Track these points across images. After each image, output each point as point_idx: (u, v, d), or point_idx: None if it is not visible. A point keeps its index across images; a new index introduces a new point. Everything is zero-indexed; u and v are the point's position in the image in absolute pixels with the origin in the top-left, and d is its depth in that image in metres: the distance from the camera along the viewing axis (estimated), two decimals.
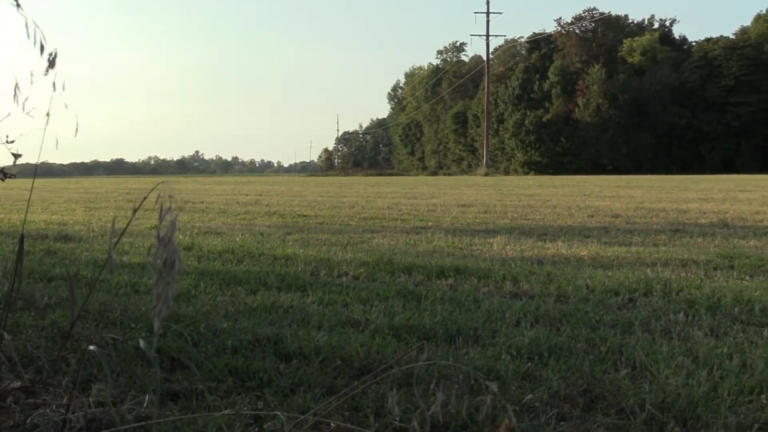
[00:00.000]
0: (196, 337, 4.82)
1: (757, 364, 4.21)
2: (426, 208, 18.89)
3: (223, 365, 4.21)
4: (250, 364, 4.23)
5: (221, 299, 6.21)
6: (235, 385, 3.95)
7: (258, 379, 4.03)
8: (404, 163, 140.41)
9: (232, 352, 4.55)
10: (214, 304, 5.99)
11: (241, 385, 3.96)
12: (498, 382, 3.95)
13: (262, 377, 4.04)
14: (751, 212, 16.64)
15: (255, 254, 9.09)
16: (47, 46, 2.78)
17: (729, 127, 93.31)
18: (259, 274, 7.45)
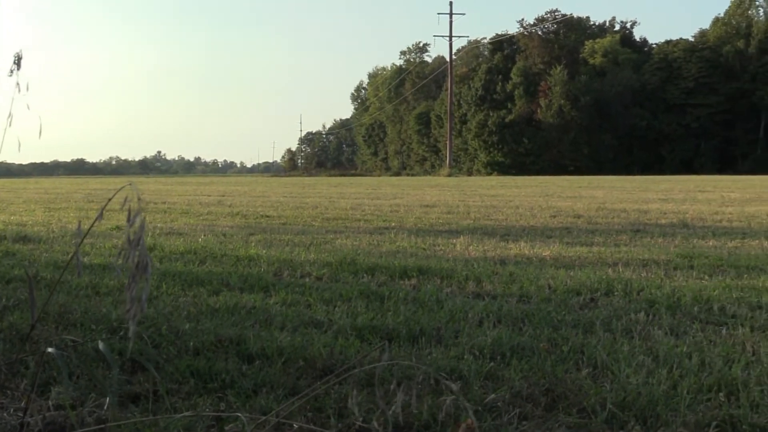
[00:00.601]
0: (158, 339, 4.78)
1: (716, 363, 4.25)
2: (389, 209, 18.89)
3: (184, 366, 4.18)
4: (212, 366, 4.20)
5: (183, 300, 6.17)
6: (197, 386, 3.93)
7: (220, 380, 4.00)
8: (367, 163, 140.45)
9: (194, 353, 4.51)
10: (176, 305, 5.94)
11: (203, 386, 3.93)
12: (460, 382, 3.95)
13: (224, 378, 4.02)
14: (710, 212, 16.83)
15: (217, 255, 9.04)
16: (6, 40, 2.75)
17: (688, 128, 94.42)
18: (222, 274, 7.41)
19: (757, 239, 11.14)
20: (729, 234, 11.95)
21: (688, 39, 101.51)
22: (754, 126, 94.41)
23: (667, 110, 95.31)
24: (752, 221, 14.43)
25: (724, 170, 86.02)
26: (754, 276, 7.49)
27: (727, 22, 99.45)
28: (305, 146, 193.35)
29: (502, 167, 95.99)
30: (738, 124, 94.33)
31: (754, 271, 7.82)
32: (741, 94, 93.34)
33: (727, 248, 10.06)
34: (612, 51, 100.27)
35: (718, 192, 28.97)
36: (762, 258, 8.80)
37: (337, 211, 17.87)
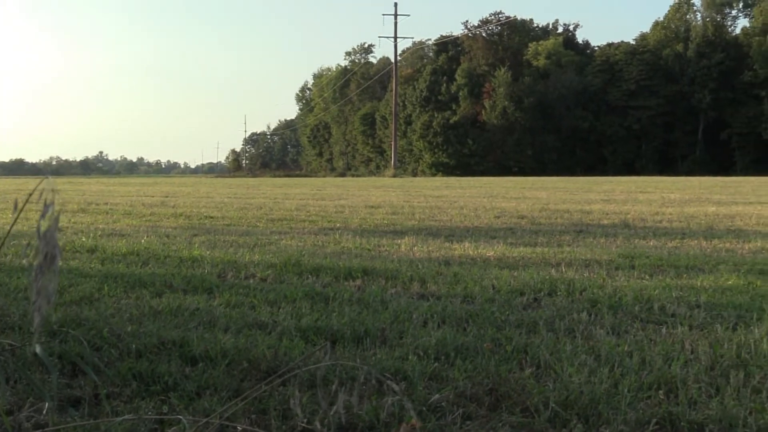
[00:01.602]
0: (99, 342, 4.72)
1: (656, 361, 4.32)
2: (334, 210, 18.86)
3: (126, 370, 4.13)
4: (154, 368, 4.16)
5: (125, 302, 6.10)
6: (139, 389, 3.88)
7: (163, 383, 3.96)
8: (312, 164, 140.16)
9: (137, 356, 4.46)
10: (118, 307, 5.87)
11: (146, 389, 3.89)
12: (405, 383, 3.96)
13: (167, 381, 3.98)
14: (651, 213, 17.08)
15: (161, 256, 8.95)
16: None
17: (630, 130, 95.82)
18: (165, 276, 7.34)
19: (696, 239, 11.33)
20: (669, 234, 12.14)
21: (630, 42, 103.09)
22: (693, 128, 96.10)
23: (609, 112, 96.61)
24: (691, 222, 14.67)
25: (665, 171, 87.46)
26: (693, 275, 7.62)
27: (667, 26, 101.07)
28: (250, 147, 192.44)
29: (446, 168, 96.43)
30: (677, 126, 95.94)
31: (692, 271, 7.95)
32: (680, 96, 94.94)
33: (667, 248, 10.21)
34: (555, 53, 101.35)
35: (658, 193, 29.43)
36: (700, 258, 8.95)
37: (281, 212, 17.80)
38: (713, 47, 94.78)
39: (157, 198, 26.53)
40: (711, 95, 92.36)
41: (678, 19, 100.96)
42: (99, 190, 35.34)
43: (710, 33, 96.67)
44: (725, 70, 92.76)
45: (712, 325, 5.32)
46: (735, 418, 3.45)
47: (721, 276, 7.50)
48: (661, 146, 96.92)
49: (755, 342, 4.75)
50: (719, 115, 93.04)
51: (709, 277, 7.43)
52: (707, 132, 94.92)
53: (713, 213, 17.14)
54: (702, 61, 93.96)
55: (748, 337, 4.87)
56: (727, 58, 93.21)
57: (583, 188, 35.42)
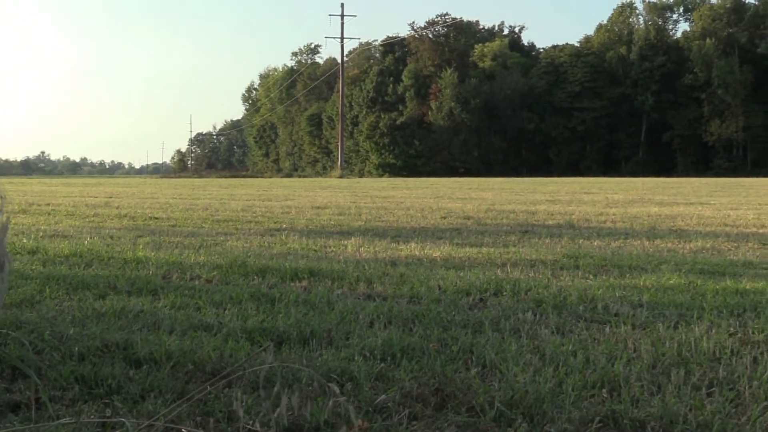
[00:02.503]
0: (40, 345, 4.64)
1: (599, 360, 4.37)
2: (280, 210, 18.79)
3: (68, 373, 4.07)
4: (97, 371, 4.10)
5: (68, 304, 6.01)
6: (81, 393, 3.83)
7: (106, 386, 3.91)
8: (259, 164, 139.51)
9: (79, 358, 4.40)
10: (61, 309, 5.79)
11: (88, 392, 3.84)
12: (351, 384, 3.96)
13: (110, 384, 3.93)
14: (595, 213, 17.28)
15: (104, 258, 8.84)
16: None
17: (574, 131, 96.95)
18: (109, 278, 7.25)
19: (639, 239, 11.49)
20: (613, 234, 12.29)
21: (574, 44, 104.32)
22: (636, 130, 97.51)
23: (554, 113, 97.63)
24: (634, 222, 14.87)
25: (608, 172, 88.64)
26: (636, 275, 7.72)
27: (610, 29, 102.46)
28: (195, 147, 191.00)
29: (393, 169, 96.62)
30: (621, 128, 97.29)
31: (635, 271, 8.06)
32: (624, 98, 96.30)
33: (610, 248, 10.34)
34: (501, 55, 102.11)
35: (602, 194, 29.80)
36: (643, 257, 9.08)
37: (227, 213, 17.69)
38: (655, 50, 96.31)
39: (101, 199, 26.20)
40: (653, 97, 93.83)
41: (621, 23, 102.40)
42: (41, 191, 34.79)
43: (652, 36, 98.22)
44: (667, 72, 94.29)
45: (654, 323, 5.39)
46: (676, 415, 3.51)
47: (663, 275, 7.61)
48: (605, 147, 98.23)
49: (695, 340, 4.83)
50: (661, 117, 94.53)
51: (652, 277, 7.53)
52: (650, 133, 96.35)
53: (656, 213, 17.39)
54: (644, 63, 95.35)
55: (688, 336, 4.95)
56: (668, 61, 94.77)
57: (528, 189, 35.73)
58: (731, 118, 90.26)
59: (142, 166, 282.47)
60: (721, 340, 4.86)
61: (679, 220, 15.30)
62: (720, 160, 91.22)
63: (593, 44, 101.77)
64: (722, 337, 4.97)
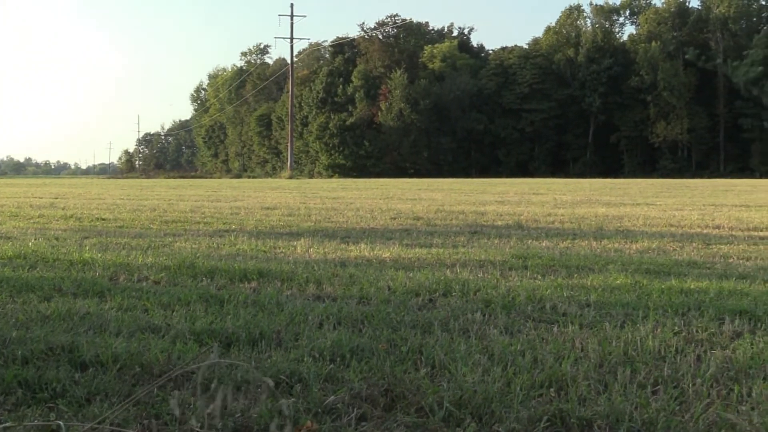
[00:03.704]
0: None
1: (547, 359, 4.41)
2: (229, 211, 18.69)
3: (11, 377, 4.01)
4: (42, 375, 4.05)
5: (11, 307, 5.92)
6: (25, 397, 3.77)
7: (51, 389, 3.86)
8: (207, 165, 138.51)
9: (23, 362, 4.34)
10: (4, 312, 5.70)
11: (32, 396, 3.78)
12: (300, 385, 3.95)
13: (55, 387, 3.88)
14: (543, 214, 17.42)
15: (49, 259, 8.72)
16: None
17: (523, 132, 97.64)
18: (54, 280, 7.15)
19: (586, 240, 11.61)
20: (561, 235, 12.40)
21: (523, 46, 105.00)
22: (583, 131, 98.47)
23: (503, 114, 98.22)
24: (582, 223, 15.03)
25: (557, 173, 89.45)
26: (584, 275, 7.80)
27: (558, 31, 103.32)
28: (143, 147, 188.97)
29: (343, 169, 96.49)
30: (569, 129, 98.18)
31: (583, 271, 8.15)
32: (572, 100, 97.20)
33: (558, 249, 10.43)
34: (450, 56, 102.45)
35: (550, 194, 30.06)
36: (591, 258, 9.18)
37: (176, 214, 17.55)
38: (602, 53, 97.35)
39: (46, 199, 25.82)
40: (600, 99, 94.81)
41: (569, 25, 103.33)
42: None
43: (599, 39, 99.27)
44: (614, 75, 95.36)
45: (601, 323, 5.46)
46: (622, 413, 3.55)
47: (610, 275, 7.70)
48: (554, 148, 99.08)
49: (641, 339, 4.89)
50: (608, 119, 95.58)
51: (599, 277, 7.62)
52: (597, 135, 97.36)
53: (603, 214, 17.59)
54: (592, 66, 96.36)
55: (634, 335, 5.01)
56: (615, 63, 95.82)
57: (477, 190, 35.92)
58: (676, 120, 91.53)
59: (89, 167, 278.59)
60: (666, 339, 4.93)
61: (625, 221, 15.49)
62: (666, 161, 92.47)
63: (542, 46, 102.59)
64: (667, 335, 5.04)
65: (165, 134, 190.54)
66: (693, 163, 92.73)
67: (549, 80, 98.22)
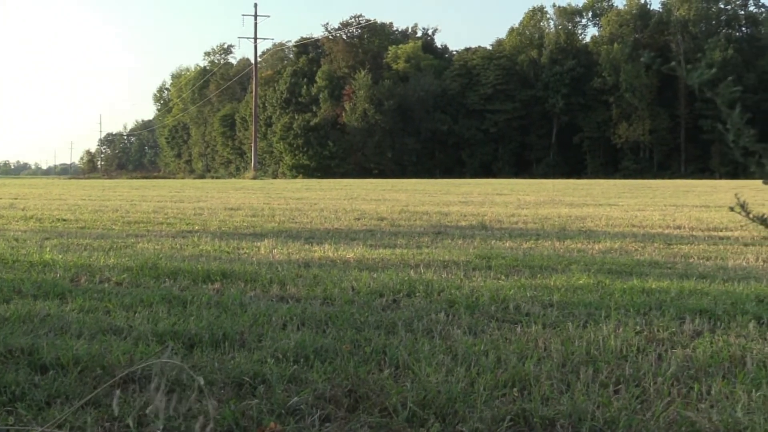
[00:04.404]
0: None
1: (511, 359, 4.42)
2: (193, 212, 18.59)
3: None
4: (0, 378, 3.99)
5: None
6: None
7: (10, 393, 3.81)
8: (171, 165, 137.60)
9: None
10: None
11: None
12: (264, 386, 3.94)
13: (14, 391, 3.83)
14: (507, 215, 17.50)
15: (8, 261, 8.62)
16: None
17: (487, 133, 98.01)
18: (14, 281, 7.07)
19: (550, 240, 11.67)
20: (524, 235, 12.46)
21: (487, 47, 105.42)
22: (547, 132, 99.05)
23: (467, 115, 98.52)
24: (545, 223, 15.11)
25: (520, 174, 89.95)
26: (547, 275, 7.85)
27: (522, 32, 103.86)
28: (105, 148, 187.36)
29: (307, 170, 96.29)
30: (532, 130, 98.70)
31: (546, 271, 8.19)
32: (535, 101, 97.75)
33: (522, 249, 10.48)
34: (414, 57, 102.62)
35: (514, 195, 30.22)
36: (554, 258, 9.23)
37: (138, 215, 17.42)
38: (565, 54, 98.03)
39: (6, 200, 25.53)
40: (563, 100, 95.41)
41: (532, 27, 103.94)
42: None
43: (562, 40, 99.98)
44: (576, 76, 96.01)
45: (564, 323, 5.49)
46: (584, 412, 3.57)
47: (572, 275, 7.75)
48: (517, 149, 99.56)
49: (604, 339, 4.93)
50: (571, 120, 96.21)
51: (562, 277, 7.66)
52: (560, 136, 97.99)
53: (566, 215, 17.70)
54: (555, 67, 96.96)
55: (597, 334, 5.05)
56: (578, 64, 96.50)
57: (441, 190, 36.02)
58: (638, 121, 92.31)
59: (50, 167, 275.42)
60: (627, 338, 4.97)
61: (588, 221, 15.60)
62: (628, 162, 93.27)
63: (505, 47, 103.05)
64: (629, 335, 5.08)
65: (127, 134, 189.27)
66: (654, 164, 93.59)
67: (512, 81, 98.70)
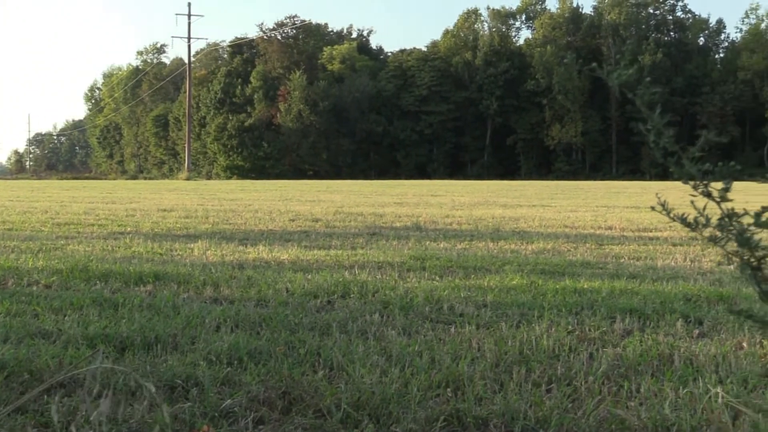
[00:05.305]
0: None
1: (445, 360, 4.45)
2: (125, 213, 18.35)
3: None
4: None
5: None
6: None
7: None
8: (102, 166, 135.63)
9: None
10: None
11: None
12: (197, 389, 3.90)
13: None
14: (441, 216, 17.60)
15: None
16: None
17: (422, 134, 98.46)
18: None
19: (484, 241, 11.76)
20: (458, 236, 12.54)
21: (421, 49, 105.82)
22: (481, 133, 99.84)
23: (402, 117, 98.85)
24: (479, 224, 15.23)
25: (455, 175, 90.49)
26: (480, 276, 7.91)
27: (456, 34, 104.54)
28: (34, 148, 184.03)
29: (241, 171, 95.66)
30: (467, 131, 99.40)
31: (480, 271, 8.25)
32: (469, 102, 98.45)
33: (456, 250, 10.55)
34: (349, 58, 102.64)
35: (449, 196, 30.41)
36: (487, 258, 9.30)
37: (69, 216, 17.14)
38: (499, 56, 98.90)
39: None
40: (497, 102, 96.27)
41: (467, 28, 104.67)
42: None
43: (496, 43, 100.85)
44: (510, 78, 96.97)
45: (497, 323, 5.53)
46: (517, 411, 3.61)
47: (506, 276, 7.82)
48: (452, 150, 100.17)
49: (536, 338, 4.98)
50: (505, 121, 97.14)
51: (496, 277, 7.73)
52: (494, 137, 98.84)
53: (500, 215, 17.86)
54: (489, 69, 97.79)
55: (530, 334, 5.10)
56: (511, 67, 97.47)
57: (376, 191, 36.08)
58: (570, 123, 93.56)
59: None
60: (560, 338, 5.03)
61: (522, 222, 15.76)
62: (561, 164, 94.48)
63: (440, 49, 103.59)
64: (561, 334, 5.14)
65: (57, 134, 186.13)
66: (587, 166, 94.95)
67: (447, 83, 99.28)
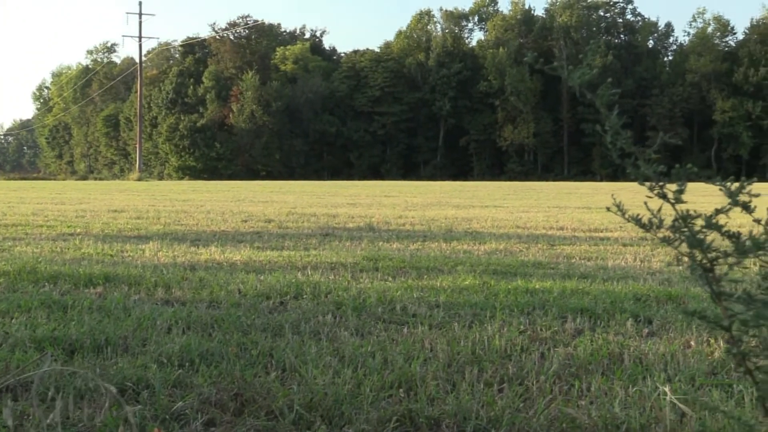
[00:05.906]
0: None
1: (397, 360, 4.45)
2: (74, 214, 18.14)
3: None
4: None
5: None
6: None
7: None
8: (51, 167, 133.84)
9: None
10: None
11: None
12: (147, 391, 3.87)
13: None
14: (394, 216, 17.63)
15: None
16: None
17: (375, 135, 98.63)
18: None
19: (436, 242, 11.80)
20: (411, 237, 12.57)
21: (375, 50, 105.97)
22: (434, 134, 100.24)
23: (356, 117, 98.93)
24: (432, 225, 15.28)
25: (408, 176, 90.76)
26: (433, 276, 7.93)
27: (410, 35, 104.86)
28: None
29: (193, 172, 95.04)
30: (420, 132, 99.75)
31: (433, 272, 8.28)
32: (422, 103, 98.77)
33: (409, 250, 10.57)
34: (302, 58, 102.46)
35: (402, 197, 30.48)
36: (440, 259, 9.34)
37: (16, 217, 16.90)
38: (452, 57, 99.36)
39: None
40: (450, 103, 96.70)
41: (420, 30, 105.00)
42: None
43: (449, 44, 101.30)
44: (463, 79, 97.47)
45: (450, 323, 5.55)
46: (469, 411, 3.62)
47: (458, 276, 7.85)
48: (405, 151, 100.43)
49: (488, 338, 5.01)
50: (458, 122, 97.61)
51: (448, 278, 7.76)
52: (447, 138, 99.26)
53: (452, 216, 17.94)
54: (442, 70, 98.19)
55: (482, 334, 5.12)
56: (464, 68, 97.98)
57: (330, 192, 36.05)
58: (523, 124, 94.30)
59: None
60: (512, 338, 5.06)
61: (474, 223, 15.84)
62: (513, 165, 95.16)
63: (393, 50, 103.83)
64: (513, 334, 5.18)
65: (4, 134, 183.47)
66: (539, 167, 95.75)
67: (400, 84, 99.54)
